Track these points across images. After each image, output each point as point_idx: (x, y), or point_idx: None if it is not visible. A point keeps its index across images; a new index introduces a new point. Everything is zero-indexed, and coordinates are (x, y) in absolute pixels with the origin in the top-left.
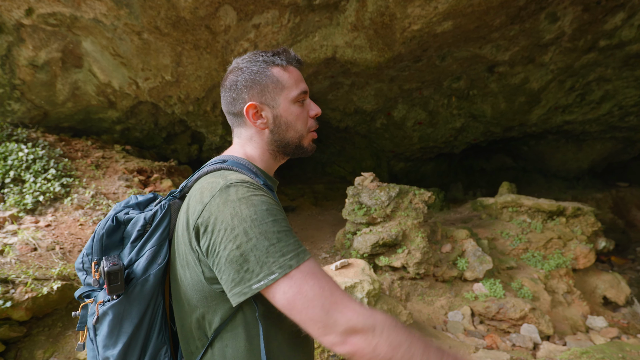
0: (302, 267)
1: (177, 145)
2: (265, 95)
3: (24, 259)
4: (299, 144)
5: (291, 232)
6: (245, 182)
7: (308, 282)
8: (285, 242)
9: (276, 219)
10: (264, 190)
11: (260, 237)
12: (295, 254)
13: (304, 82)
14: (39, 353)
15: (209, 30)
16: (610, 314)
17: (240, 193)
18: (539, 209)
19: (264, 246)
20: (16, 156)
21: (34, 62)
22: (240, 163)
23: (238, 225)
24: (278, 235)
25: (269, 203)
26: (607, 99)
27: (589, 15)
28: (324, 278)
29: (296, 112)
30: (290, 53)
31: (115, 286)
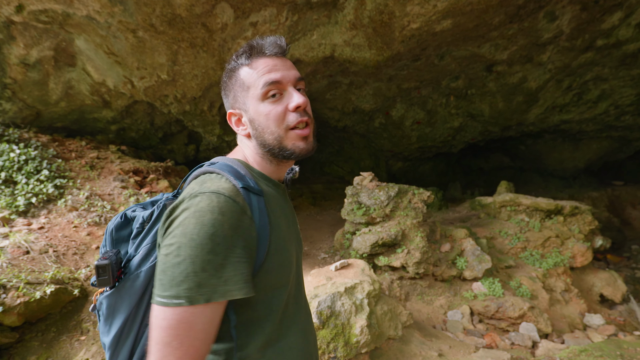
0: (194, 309)
1: (173, 146)
2: (238, 101)
3: (16, 263)
4: (281, 146)
5: (224, 267)
6: (215, 193)
7: (180, 326)
8: (208, 274)
9: (216, 248)
10: (230, 207)
11: (188, 259)
12: (209, 290)
13: (278, 71)
14: (32, 359)
15: (206, 28)
16: (607, 312)
17: (200, 206)
18: (537, 207)
19: (187, 269)
20: (7, 157)
21: (26, 60)
22: (228, 164)
23: (179, 237)
24: (204, 266)
25: (220, 226)
26: (604, 99)
27: (587, 14)
28: (189, 333)
29: (265, 111)
30: (261, 42)
31: (103, 279)
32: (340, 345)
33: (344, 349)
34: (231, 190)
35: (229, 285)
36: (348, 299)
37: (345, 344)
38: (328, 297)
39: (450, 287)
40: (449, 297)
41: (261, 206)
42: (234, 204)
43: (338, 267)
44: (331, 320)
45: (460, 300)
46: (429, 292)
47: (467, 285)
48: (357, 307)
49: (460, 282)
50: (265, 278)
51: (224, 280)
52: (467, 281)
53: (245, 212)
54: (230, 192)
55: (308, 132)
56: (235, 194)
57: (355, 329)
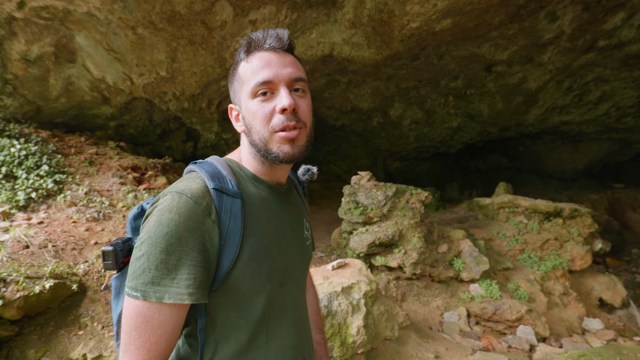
0: (150, 305)
1: (171, 142)
2: (235, 96)
3: (16, 257)
4: (266, 149)
5: (178, 268)
6: (178, 193)
7: (138, 319)
8: (161, 273)
9: (170, 248)
10: (189, 208)
11: (145, 255)
12: (161, 289)
13: (271, 68)
14: (30, 352)
15: (205, 26)
16: (606, 316)
17: (163, 205)
18: (536, 209)
19: (143, 265)
20: (8, 152)
21: (27, 56)
22: (213, 164)
23: (143, 232)
24: (158, 264)
25: (176, 227)
26: (605, 100)
27: (589, 14)
28: (146, 327)
29: (253, 109)
30: (261, 35)
31: (107, 264)
32: (336, 345)
33: (340, 349)
34: (196, 191)
35: (181, 288)
36: (345, 298)
37: (341, 344)
38: (325, 296)
39: (447, 288)
40: (446, 298)
41: (235, 210)
42: (194, 205)
43: (335, 267)
44: (327, 320)
45: (457, 302)
46: (425, 293)
47: (464, 286)
48: (354, 307)
49: (457, 283)
50: (235, 285)
51: (176, 282)
52: (464, 283)
53: (208, 214)
54: (194, 192)
55: (295, 135)
56: (200, 195)
57: (351, 329)
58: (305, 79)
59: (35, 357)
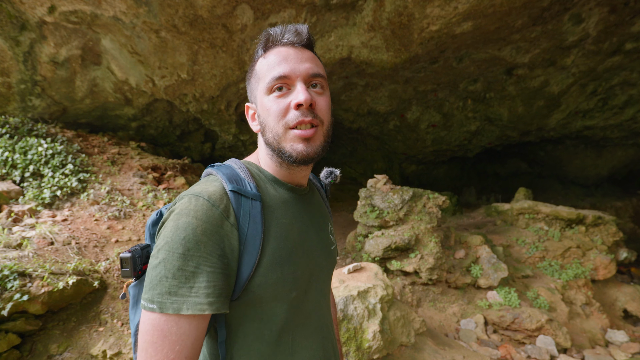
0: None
1: (190, 143)
2: (252, 94)
3: (41, 253)
4: (279, 147)
5: (196, 276)
6: (195, 195)
7: (155, 333)
8: (178, 282)
9: (187, 253)
10: (207, 211)
11: (162, 263)
12: (179, 299)
13: (288, 63)
14: (53, 347)
15: (226, 29)
16: (631, 328)
17: (180, 208)
18: (557, 216)
19: (160, 274)
20: (36, 151)
21: (55, 59)
22: (231, 166)
23: (160, 238)
24: (175, 272)
25: (193, 231)
26: (631, 104)
27: (616, 16)
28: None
29: (267, 105)
30: (279, 31)
31: (125, 271)
32: (352, 349)
33: (356, 353)
34: (214, 194)
35: (200, 297)
36: (361, 303)
37: (357, 348)
38: (341, 300)
39: (463, 294)
40: (462, 305)
41: (255, 213)
42: (212, 208)
43: (351, 270)
44: (343, 323)
45: (474, 309)
46: (441, 299)
47: (482, 293)
48: (370, 312)
49: (475, 290)
50: (258, 293)
51: (194, 291)
52: (482, 289)
53: (226, 217)
54: (211, 195)
55: (310, 134)
56: (218, 198)
57: (367, 333)
58: (324, 75)
59: (57, 351)
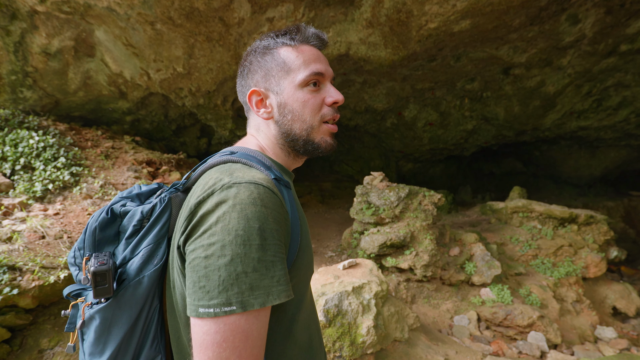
0: (248, 315)
1: (186, 138)
2: (269, 80)
3: (32, 247)
4: (308, 139)
5: (275, 265)
6: (253, 183)
7: (236, 337)
8: (260, 274)
9: (265, 243)
10: (271, 198)
11: (237, 258)
12: (263, 292)
13: (322, 63)
14: (44, 341)
15: (223, 23)
16: (620, 325)
17: (240, 197)
18: (551, 215)
19: (236, 270)
20: (27, 143)
21: (47, 49)
22: (251, 155)
23: (219, 233)
24: (256, 265)
25: (265, 220)
26: (625, 106)
27: (612, 18)
28: (246, 343)
29: (303, 98)
30: (306, 30)
31: (102, 289)
32: (346, 344)
33: (350, 348)
34: (269, 181)
35: (282, 284)
36: (355, 298)
37: (351, 343)
38: (335, 295)
39: (457, 291)
40: (456, 301)
41: (291, 199)
42: (274, 196)
43: (346, 266)
44: (338, 319)
45: (467, 306)
46: (435, 296)
47: (475, 290)
48: (364, 307)
49: (468, 287)
50: (296, 275)
51: (276, 280)
52: (475, 286)
53: (283, 204)
54: (268, 182)
55: (336, 129)
56: (273, 185)
57: (361, 329)
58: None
59: (48, 346)
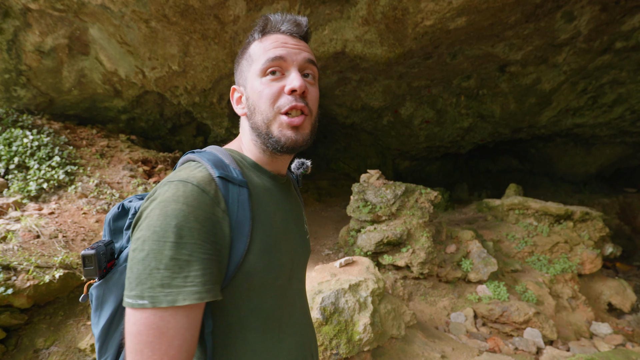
0: (163, 312)
1: (182, 137)
2: (241, 76)
3: (27, 246)
4: (267, 132)
5: (190, 264)
6: (183, 181)
7: (150, 332)
8: (171, 273)
9: (180, 241)
10: (197, 197)
11: (151, 254)
12: (174, 290)
13: (285, 48)
14: (39, 341)
15: (218, 20)
16: (615, 321)
17: (165, 195)
18: (547, 212)
19: (150, 265)
20: (21, 142)
21: (41, 47)
22: (214, 152)
23: (144, 229)
24: (167, 262)
25: (185, 218)
26: (620, 103)
27: (607, 15)
28: (161, 340)
29: (260, 87)
30: (277, 18)
31: (89, 270)
32: (342, 342)
33: (347, 346)
34: (202, 179)
35: (197, 286)
36: (352, 296)
37: (347, 341)
38: (332, 293)
39: (454, 288)
40: (453, 298)
41: (242, 199)
42: (202, 194)
43: (343, 264)
44: (334, 316)
45: (464, 303)
46: (432, 293)
47: (472, 287)
48: (361, 305)
49: (465, 284)
50: (245, 281)
51: (190, 280)
52: (472, 283)
53: (217, 203)
54: (200, 180)
55: (300, 122)
56: (207, 183)
57: (358, 326)
58: (317, 66)
59: (44, 345)
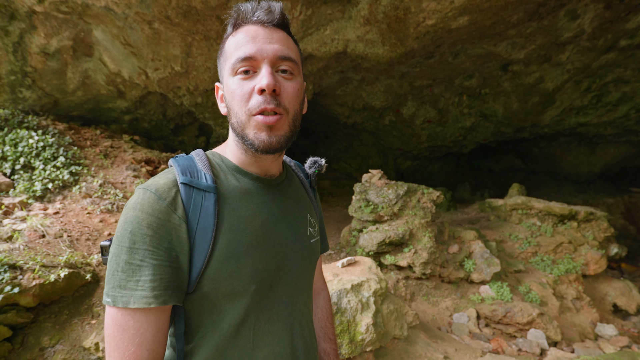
0: (123, 311)
1: (184, 137)
2: (220, 73)
3: (32, 246)
4: (243, 134)
5: (141, 269)
6: (143, 189)
7: (114, 327)
8: (126, 275)
9: (133, 247)
10: (153, 204)
11: (114, 257)
12: (127, 292)
13: (255, 43)
14: (45, 339)
15: (220, 21)
16: (621, 322)
17: (130, 202)
18: (550, 212)
19: (112, 268)
20: (26, 143)
21: (46, 49)
22: (191, 157)
23: (115, 233)
24: (123, 266)
25: (139, 225)
26: (625, 101)
27: (611, 13)
28: (123, 336)
29: (232, 87)
30: (244, 7)
31: (106, 258)
32: (345, 342)
33: (349, 346)
34: (162, 187)
35: (146, 291)
36: (354, 296)
37: (350, 341)
38: (334, 293)
39: (456, 289)
40: (455, 299)
41: (207, 205)
42: (158, 201)
43: (345, 264)
44: (337, 317)
45: (466, 303)
46: (434, 293)
47: (475, 288)
48: (363, 305)
49: (468, 284)
50: (213, 287)
51: (141, 284)
52: (475, 284)
53: (174, 210)
54: (159, 187)
55: (273, 121)
56: (165, 191)
57: (360, 326)
58: (294, 59)
59: (49, 344)
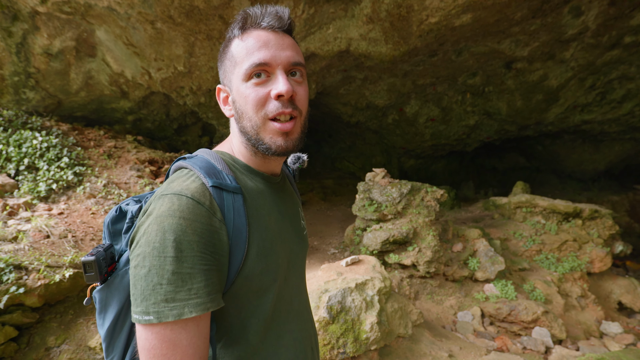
0: (173, 325)
1: (188, 137)
2: (225, 76)
3: (37, 246)
4: (258, 138)
5: (193, 277)
6: (177, 195)
7: (164, 346)
8: (174, 287)
9: (181, 255)
10: (193, 209)
11: (153, 270)
12: (179, 304)
13: (269, 49)
14: (50, 339)
15: (223, 21)
16: (626, 320)
17: (161, 210)
18: (555, 210)
19: (152, 282)
20: (30, 144)
21: (49, 50)
22: (205, 159)
23: (143, 245)
24: (169, 277)
25: (183, 232)
26: (629, 99)
27: (615, 9)
28: (175, 351)
29: (246, 92)
30: (254, 12)
31: (90, 276)
32: (349, 340)
33: (353, 344)
34: (196, 191)
35: (202, 297)
36: (359, 295)
37: (354, 339)
38: (339, 292)
39: (461, 287)
40: (460, 297)
41: (238, 206)
42: (198, 206)
43: (349, 263)
44: (341, 315)
45: (471, 302)
46: (439, 292)
47: (479, 286)
48: (368, 304)
49: (472, 283)
50: (245, 285)
51: (194, 292)
52: (479, 282)
53: (213, 214)
54: (194, 192)
55: (290, 128)
56: (201, 195)
57: (365, 325)
58: (303, 63)
59: (55, 344)
